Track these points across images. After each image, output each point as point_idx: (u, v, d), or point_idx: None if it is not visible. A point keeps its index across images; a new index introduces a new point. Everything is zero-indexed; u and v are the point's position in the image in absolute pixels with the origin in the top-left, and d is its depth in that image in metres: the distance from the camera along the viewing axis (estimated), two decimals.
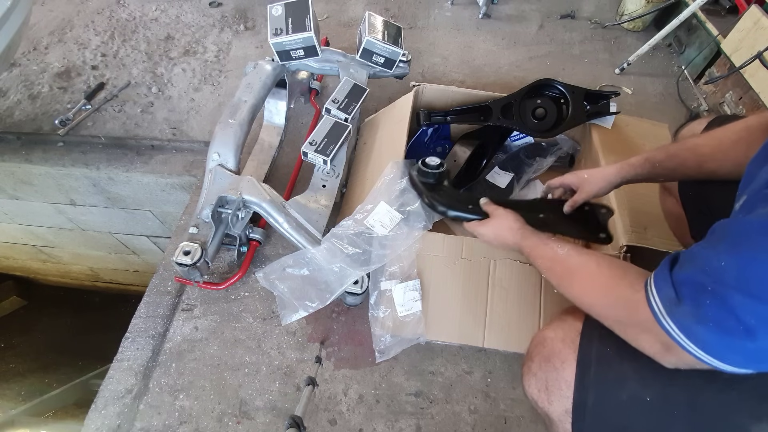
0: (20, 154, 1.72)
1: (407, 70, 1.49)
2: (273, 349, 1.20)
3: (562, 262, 0.76)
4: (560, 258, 0.76)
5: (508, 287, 1.09)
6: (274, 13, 1.32)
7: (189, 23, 2.11)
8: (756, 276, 0.44)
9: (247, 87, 1.33)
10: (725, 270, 0.47)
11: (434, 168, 1.03)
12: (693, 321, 0.50)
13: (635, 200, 1.12)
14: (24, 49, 2.00)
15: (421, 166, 1.04)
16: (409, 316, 1.09)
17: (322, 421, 1.10)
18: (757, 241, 0.45)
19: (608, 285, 0.65)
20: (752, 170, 0.58)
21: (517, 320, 1.08)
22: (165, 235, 2.12)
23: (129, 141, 1.71)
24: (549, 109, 1.34)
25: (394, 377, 1.16)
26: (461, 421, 1.10)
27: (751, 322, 0.45)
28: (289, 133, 1.61)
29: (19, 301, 3.35)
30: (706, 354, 0.50)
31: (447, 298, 1.11)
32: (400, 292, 1.10)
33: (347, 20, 2.13)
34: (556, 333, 0.74)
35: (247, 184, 1.19)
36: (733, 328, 0.46)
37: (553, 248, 0.79)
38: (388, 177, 1.14)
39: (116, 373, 1.17)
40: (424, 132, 1.43)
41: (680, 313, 0.51)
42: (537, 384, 0.73)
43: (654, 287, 0.56)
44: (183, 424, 1.09)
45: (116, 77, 1.89)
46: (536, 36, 2.09)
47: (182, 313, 1.26)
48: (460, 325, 1.10)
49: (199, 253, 1.10)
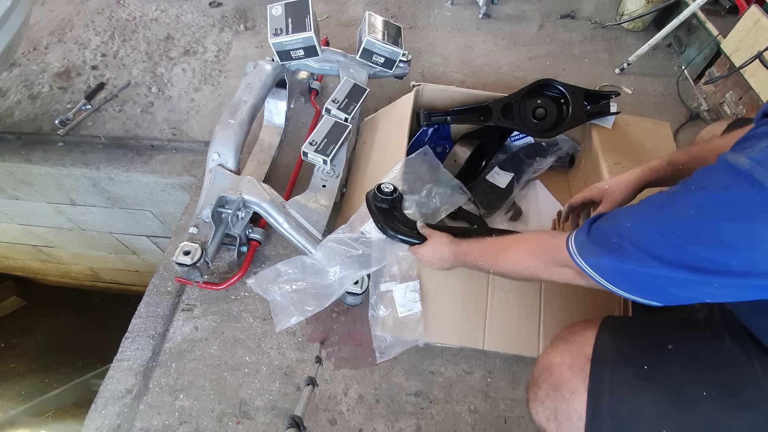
0: (20, 154, 1.72)
1: (407, 70, 1.49)
2: (273, 349, 1.20)
3: (492, 244, 0.89)
4: (490, 243, 0.90)
5: (508, 289, 1.09)
6: (274, 13, 1.32)
7: (189, 23, 2.11)
8: (642, 234, 0.60)
9: (247, 87, 1.32)
10: (628, 229, 0.62)
11: (388, 194, 1.06)
12: (594, 256, 0.66)
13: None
14: (24, 49, 2.00)
15: (376, 191, 1.06)
16: (409, 317, 1.09)
17: (322, 421, 1.10)
18: (651, 211, 0.61)
19: (537, 241, 0.81)
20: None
21: (517, 322, 1.08)
22: (165, 235, 2.12)
23: (129, 141, 1.71)
24: (549, 109, 1.34)
25: (394, 377, 1.16)
26: (461, 421, 1.10)
27: (625, 248, 0.60)
28: (289, 133, 1.61)
29: (19, 301, 3.35)
30: (600, 276, 0.65)
31: (447, 300, 1.11)
32: (400, 292, 1.10)
33: (347, 20, 2.13)
34: (563, 358, 0.72)
35: (247, 184, 1.19)
36: (615, 255, 0.62)
37: (483, 240, 0.92)
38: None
39: (116, 373, 1.17)
40: (424, 132, 1.43)
41: (586, 252, 0.67)
42: (545, 412, 0.71)
43: (573, 237, 0.71)
44: (183, 424, 1.09)
45: (116, 77, 1.89)
46: (536, 36, 2.09)
47: (182, 313, 1.26)
48: (459, 326, 1.10)
49: (199, 253, 1.10)
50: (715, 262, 0.52)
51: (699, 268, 0.53)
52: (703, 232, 0.52)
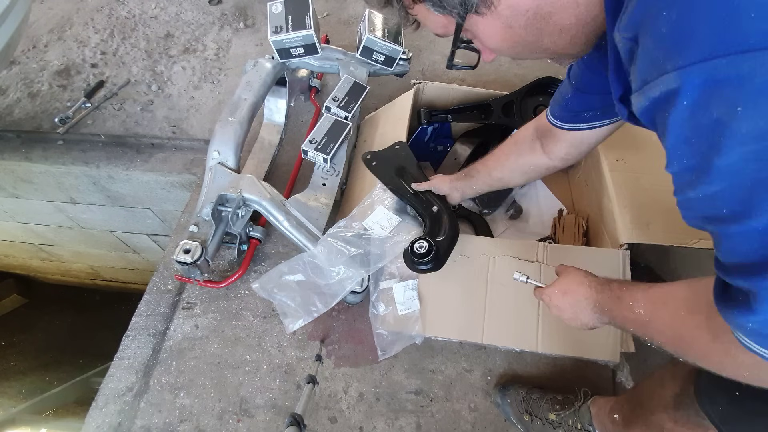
0: (20, 152, 1.71)
1: (407, 68, 1.49)
2: (273, 347, 1.20)
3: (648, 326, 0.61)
4: (643, 323, 0.61)
5: (507, 284, 1.09)
6: (274, 11, 1.32)
7: (189, 21, 2.10)
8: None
9: (247, 85, 1.32)
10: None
11: (424, 254, 1.01)
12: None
13: (638, 196, 1.11)
14: (23, 47, 2.00)
15: (413, 257, 1.01)
16: (408, 315, 1.09)
17: (322, 419, 1.10)
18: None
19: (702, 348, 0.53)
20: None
21: (515, 317, 1.08)
22: (165, 233, 2.12)
23: (129, 139, 1.70)
24: None
25: (395, 375, 1.16)
26: (461, 419, 1.10)
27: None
28: (289, 131, 1.61)
29: (20, 300, 3.36)
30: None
31: (446, 295, 1.11)
32: (400, 291, 1.10)
33: (347, 18, 2.12)
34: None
35: (247, 183, 1.19)
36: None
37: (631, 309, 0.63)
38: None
39: (117, 371, 1.18)
40: (424, 130, 1.43)
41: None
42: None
43: (748, 339, 0.44)
44: (183, 422, 1.10)
45: (116, 75, 1.89)
46: None
47: (183, 311, 1.26)
48: (459, 321, 1.10)
49: (200, 252, 1.10)
50: None
51: None
52: None
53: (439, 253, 1.02)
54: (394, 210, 1.15)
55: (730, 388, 0.56)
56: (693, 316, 0.52)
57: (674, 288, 0.57)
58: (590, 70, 0.72)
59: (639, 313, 0.60)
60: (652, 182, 1.13)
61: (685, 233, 1.04)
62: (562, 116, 0.84)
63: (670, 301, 0.57)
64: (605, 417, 0.92)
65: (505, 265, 1.10)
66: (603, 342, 1.05)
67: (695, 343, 0.53)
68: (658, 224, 1.05)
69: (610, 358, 1.04)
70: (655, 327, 0.59)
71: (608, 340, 1.04)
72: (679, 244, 1.02)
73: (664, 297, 0.58)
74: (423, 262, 1.01)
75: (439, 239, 1.05)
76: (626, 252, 1.05)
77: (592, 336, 1.05)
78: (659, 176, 1.14)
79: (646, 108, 0.44)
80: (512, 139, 1.03)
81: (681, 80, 0.38)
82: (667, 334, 0.57)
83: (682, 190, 0.44)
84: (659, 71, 0.40)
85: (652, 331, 0.59)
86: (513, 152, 1.01)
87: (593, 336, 1.05)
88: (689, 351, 0.54)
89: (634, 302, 0.62)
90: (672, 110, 0.40)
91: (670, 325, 0.56)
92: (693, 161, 0.41)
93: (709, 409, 0.61)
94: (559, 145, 0.90)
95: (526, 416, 1.02)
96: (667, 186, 0.47)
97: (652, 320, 0.59)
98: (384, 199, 1.17)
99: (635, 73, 0.44)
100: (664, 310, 0.57)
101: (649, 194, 1.11)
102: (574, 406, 0.98)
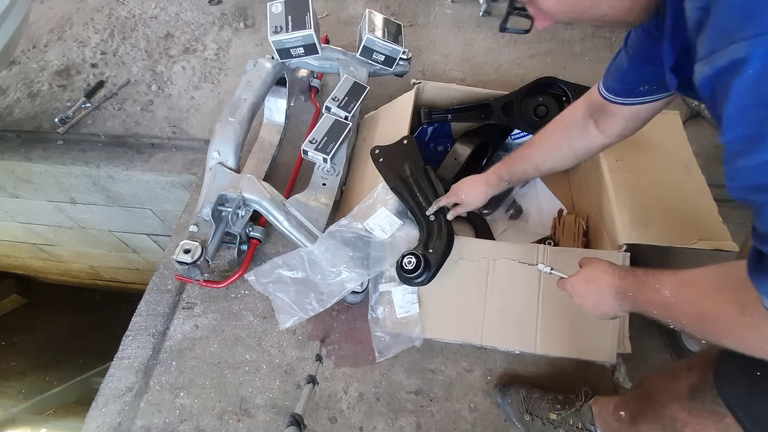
0: (20, 152, 1.71)
1: (407, 68, 1.49)
2: (273, 347, 1.20)
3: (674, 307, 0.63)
4: (667, 304, 0.64)
5: (506, 287, 1.09)
6: (274, 11, 1.32)
7: (189, 21, 2.10)
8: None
9: (247, 85, 1.32)
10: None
11: (413, 270, 1.02)
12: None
13: (637, 196, 1.11)
14: (23, 47, 2.00)
15: (402, 273, 1.03)
16: (407, 318, 1.10)
17: (322, 419, 1.10)
18: None
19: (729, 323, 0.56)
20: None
21: (515, 319, 1.08)
22: (165, 233, 2.12)
23: (129, 139, 1.70)
24: (550, 107, 1.34)
25: (395, 375, 1.16)
26: (461, 419, 1.10)
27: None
28: (289, 132, 1.61)
29: (20, 300, 3.36)
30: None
31: (446, 297, 1.11)
32: (399, 294, 1.10)
33: (347, 18, 2.12)
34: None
35: (247, 183, 1.19)
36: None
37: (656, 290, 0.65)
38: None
39: (117, 371, 1.18)
40: (424, 130, 1.43)
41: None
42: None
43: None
44: (183, 422, 1.10)
45: (116, 75, 1.89)
46: (537, 34, 2.08)
47: (183, 311, 1.26)
48: (458, 323, 1.10)
49: (200, 252, 1.10)
50: None
51: None
52: None
53: (430, 265, 1.02)
54: (395, 212, 1.14)
55: (751, 369, 0.58)
56: (721, 293, 0.55)
57: (702, 270, 0.59)
58: (651, 38, 0.69)
59: (664, 295, 0.62)
60: (652, 182, 1.13)
61: (685, 234, 1.04)
62: (618, 90, 0.81)
63: (697, 281, 0.59)
64: (609, 416, 0.91)
65: (505, 267, 1.10)
66: (600, 343, 1.05)
67: (721, 318, 0.55)
68: (657, 225, 1.05)
69: (607, 359, 1.05)
70: (680, 307, 0.61)
71: (605, 341, 1.05)
72: (679, 245, 1.02)
73: (691, 278, 0.60)
74: (414, 276, 1.02)
75: (430, 252, 1.05)
76: (626, 254, 1.05)
77: (590, 337, 1.06)
78: (659, 176, 1.14)
79: (708, 77, 0.45)
80: (559, 125, 0.96)
81: (749, 50, 0.39)
82: (692, 313, 0.59)
83: (731, 161, 0.46)
84: (728, 41, 0.41)
85: (676, 311, 0.62)
86: (564, 138, 0.95)
87: (590, 337, 1.06)
88: (713, 328, 0.56)
89: (660, 285, 0.64)
90: (736, 79, 0.41)
91: (696, 304, 0.59)
92: (749, 130, 0.43)
93: (728, 393, 0.61)
94: (614, 121, 0.86)
95: (527, 416, 1.02)
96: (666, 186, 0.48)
97: (678, 301, 0.61)
98: (386, 200, 1.15)
99: (702, 43, 0.46)
100: (690, 290, 0.60)
101: (648, 195, 1.11)
102: (575, 405, 0.98)
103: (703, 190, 1.13)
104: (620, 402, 0.90)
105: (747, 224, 0.50)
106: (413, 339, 1.11)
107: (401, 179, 1.18)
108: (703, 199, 1.11)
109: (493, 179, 1.08)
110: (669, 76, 0.58)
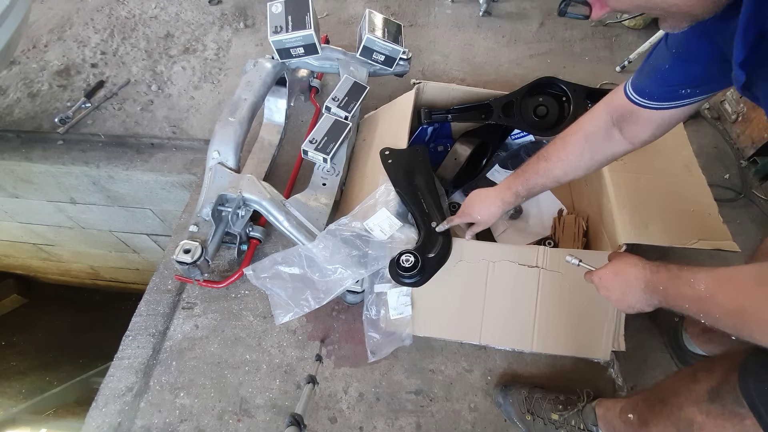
0: (20, 152, 1.72)
1: (407, 68, 1.49)
2: (273, 347, 1.20)
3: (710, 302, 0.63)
4: (702, 298, 0.63)
5: (505, 288, 1.09)
6: (274, 11, 1.32)
7: (189, 21, 2.10)
8: None
9: (247, 85, 1.32)
10: None
11: (410, 268, 1.01)
12: None
13: (637, 196, 1.11)
14: (23, 47, 2.00)
15: (398, 270, 1.02)
16: (400, 320, 1.10)
17: (322, 419, 1.10)
18: None
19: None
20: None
21: (513, 318, 1.09)
22: (165, 233, 2.12)
23: (129, 139, 1.70)
24: (550, 107, 1.34)
25: (395, 375, 1.16)
26: (461, 419, 1.10)
27: None
28: (289, 131, 1.61)
29: (20, 300, 3.36)
30: None
31: (444, 297, 1.11)
32: (394, 296, 1.11)
33: (347, 18, 2.12)
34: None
35: (247, 183, 1.19)
36: None
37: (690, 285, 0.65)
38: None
39: (117, 371, 1.18)
40: (424, 130, 1.43)
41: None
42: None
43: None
44: (183, 422, 1.10)
45: (116, 75, 1.89)
46: (537, 34, 2.08)
47: (183, 311, 1.26)
48: (456, 322, 1.11)
49: (200, 252, 1.10)
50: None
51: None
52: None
53: (425, 269, 1.02)
54: (396, 213, 1.14)
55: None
56: (761, 288, 0.55)
57: (742, 267, 0.60)
58: (704, 35, 0.66)
59: (699, 289, 0.62)
60: (652, 182, 1.12)
61: (685, 234, 1.04)
62: (655, 93, 0.76)
63: (736, 276, 0.59)
64: (614, 418, 0.91)
65: (505, 269, 1.09)
66: (596, 341, 1.06)
67: (759, 312, 0.55)
68: (657, 225, 1.05)
69: (602, 356, 1.06)
70: (715, 301, 0.60)
71: (601, 339, 1.05)
72: (679, 245, 1.02)
73: (729, 274, 0.60)
74: (407, 275, 1.01)
75: (428, 255, 1.05)
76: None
77: (586, 335, 1.07)
78: (659, 176, 1.14)
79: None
80: (579, 135, 0.91)
81: None
82: (728, 307, 0.59)
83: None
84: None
85: (710, 306, 0.61)
86: (586, 149, 0.90)
87: (587, 335, 1.07)
88: (749, 322, 0.56)
89: (695, 280, 0.63)
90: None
91: (733, 298, 0.58)
92: None
93: (753, 389, 0.61)
94: (644, 127, 0.82)
95: (528, 416, 1.02)
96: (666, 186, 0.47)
97: (713, 295, 0.61)
98: (388, 201, 1.15)
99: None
100: (728, 285, 0.60)
101: (648, 195, 1.11)
102: (577, 406, 0.98)
103: (703, 190, 1.13)
104: (627, 404, 0.89)
105: (747, 224, 0.50)
106: (403, 338, 1.11)
107: (409, 184, 1.17)
108: (703, 199, 1.11)
109: (509, 196, 1.02)
110: (737, 71, 0.54)
